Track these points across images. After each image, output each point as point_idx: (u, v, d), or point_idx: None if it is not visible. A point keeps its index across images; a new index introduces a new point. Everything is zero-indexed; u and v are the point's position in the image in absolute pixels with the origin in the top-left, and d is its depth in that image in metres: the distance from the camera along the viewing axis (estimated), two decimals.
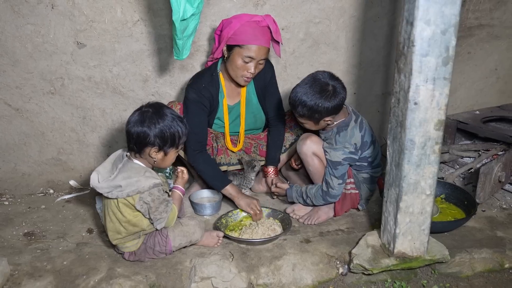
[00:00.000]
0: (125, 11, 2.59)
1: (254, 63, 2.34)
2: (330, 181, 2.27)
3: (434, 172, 1.85)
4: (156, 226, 1.96)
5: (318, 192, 2.31)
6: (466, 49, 3.34)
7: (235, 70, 2.38)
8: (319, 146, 2.31)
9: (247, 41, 2.29)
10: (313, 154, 2.31)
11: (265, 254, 2.08)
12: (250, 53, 2.30)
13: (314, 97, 2.14)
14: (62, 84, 2.71)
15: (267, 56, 2.38)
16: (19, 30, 2.55)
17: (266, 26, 2.33)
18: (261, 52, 2.32)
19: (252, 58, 2.32)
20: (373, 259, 1.99)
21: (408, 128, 1.77)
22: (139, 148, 1.93)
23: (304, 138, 2.34)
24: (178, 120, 1.95)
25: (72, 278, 1.93)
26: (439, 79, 1.71)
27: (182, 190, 2.11)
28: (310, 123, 2.25)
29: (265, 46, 2.32)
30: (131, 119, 1.92)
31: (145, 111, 1.91)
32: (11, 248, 2.15)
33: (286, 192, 2.44)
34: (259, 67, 2.40)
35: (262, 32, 2.31)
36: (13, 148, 2.82)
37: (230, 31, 2.31)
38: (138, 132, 1.89)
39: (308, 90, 2.15)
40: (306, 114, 2.19)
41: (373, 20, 2.97)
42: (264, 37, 2.31)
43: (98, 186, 1.91)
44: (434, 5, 1.61)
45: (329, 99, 2.14)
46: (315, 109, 2.15)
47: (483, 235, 2.25)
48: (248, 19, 2.32)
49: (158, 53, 2.71)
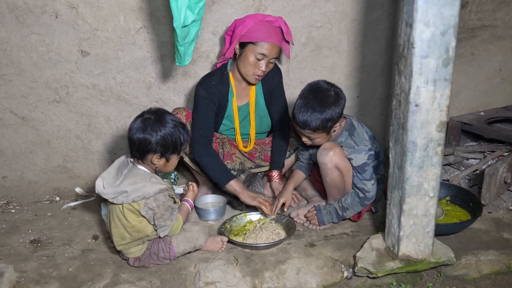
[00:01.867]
0: (128, 19, 2.61)
1: (265, 61, 2.39)
2: (363, 187, 2.21)
3: (437, 174, 1.85)
4: (159, 233, 1.97)
5: (354, 201, 2.24)
6: (470, 50, 3.33)
7: (247, 67, 2.41)
8: (342, 159, 2.19)
9: (261, 38, 2.34)
10: (334, 167, 2.20)
11: (269, 258, 2.08)
12: (263, 50, 2.35)
13: (323, 106, 2.09)
14: (67, 92, 2.74)
15: (278, 55, 2.42)
16: (24, 40, 2.58)
17: (278, 26, 2.40)
18: (274, 50, 2.37)
19: (265, 55, 2.37)
20: (378, 262, 1.98)
21: (409, 130, 1.77)
22: (141, 155, 1.94)
23: (327, 148, 2.20)
24: (180, 127, 1.96)
25: (78, 284, 1.94)
26: (440, 81, 1.70)
27: (191, 204, 2.13)
28: (323, 135, 2.18)
29: (277, 45, 2.38)
30: (133, 126, 1.93)
31: (147, 118, 1.92)
32: (17, 255, 2.17)
33: (317, 217, 2.32)
34: (270, 66, 2.44)
35: (275, 31, 2.38)
36: (19, 156, 2.85)
37: (243, 29, 2.36)
38: (140, 139, 1.90)
39: (315, 102, 2.10)
40: (321, 127, 2.12)
41: (375, 23, 2.97)
42: (277, 36, 2.37)
43: (103, 192, 1.92)
44: (433, 7, 1.61)
45: (337, 103, 2.12)
46: (329, 118, 2.10)
47: (489, 237, 2.23)
48: (261, 18, 2.38)
49: (161, 60, 2.74)
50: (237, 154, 2.71)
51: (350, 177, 2.24)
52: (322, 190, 2.45)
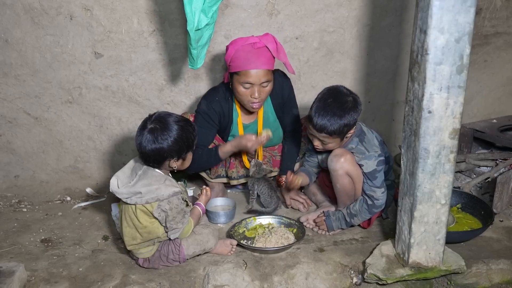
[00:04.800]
0: (141, 22, 2.63)
1: (256, 88, 2.27)
2: (373, 194, 2.19)
3: (449, 181, 1.83)
4: (169, 236, 1.98)
5: (363, 207, 2.23)
6: (483, 57, 3.30)
7: (239, 97, 2.35)
8: (353, 166, 2.18)
9: (241, 66, 2.22)
10: (345, 173, 2.19)
11: (278, 262, 2.08)
12: (247, 78, 2.24)
13: (342, 111, 2.08)
14: (80, 93, 2.77)
15: (269, 78, 2.29)
16: (39, 41, 2.62)
17: (263, 46, 2.25)
18: (259, 75, 2.24)
19: (251, 83, 2.25)
20: (388, 269, 1.97)
21: (422, 136, 1.76)
22: (159, 163, 1.97)
23: (339, 155, 2.18)
24: (185, 125, 1.98)
25: (87, 284, 1.95)
26: (454, 88, 1.70)
27: (203, 208, 2.14)
28: (337, 140, 2.17)
29: (262, 69, 2.24)
30: (142, 140, 1.93)
31: (153, 129, 1.92)
32: (28, 254, 2.19)
33: (326, 223, 2.32)
34: (265, 90, 2.31)
35: (258, 54, 2.23)
36: (32, 156, 2.88)
37: (228, 59, 2.29)
38: (154, 151, 1.92)
39: (334, 106, 2.08)
40: (338, 131, 2.10)
41: (388, 29, 2.97)
42: (259, 59, 2.23)
43: (117, 192, 1.93)
44: (447, 14, 1.61)
45: (354, 109, 2.10)
46: (347, 123, 2.09)
47: (501, 246, 2.21)
48: (242, 43, 2.25)
49: (173, 63, 2.75)
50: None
51: (361, 184, 2.23)
52: (332, 195, 2.44)
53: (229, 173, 2.61)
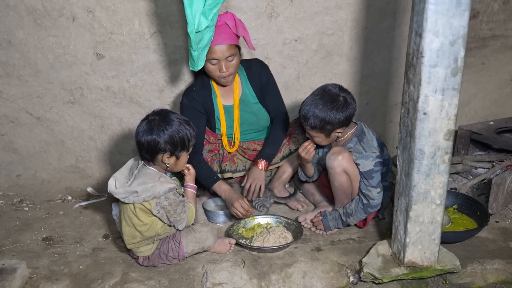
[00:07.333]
0: (142, 24, 2.67)
1: (223, 63, 2.41)
2: (368, 193, 2.22)
3: (444, 182, 1.86)
4: (178, 228, 2.03)
5: (358, 207, 2.26)
6: (480, 59, 3.33)
7: (211, 74, 2.49)
8: (351, 164, 2.23)
9: None
10: (343, 171, 2.23)
11: (276, 261, 2.11)
12: (212, 55, 2.38)
13: (326, 108, 2.14)
14: (82, 94, 2.80)
15: (233, 52, 2.41)
16: (41, 42, 2.65)
17: (223, 24, 2.38)
18: (223, 50, 2.38)
19: (216, 59, 2.40)
20: (384, 268, 2.00)
21: (417, 138, 1.79)
22: (151, 156, 1.99)
23: (336, 153, 2.23)
24: (185, 124, 2.01)
25: (88, 282, 1.99)
26: (448, 90, 1.73)
27: (194, 187, 2.17)
28: (322, 135, 2.23)
29: (223, 44, 2.37)
30: (139, 130, 1.97)
31: (152, 120, 1.97)
32: (30, 252, 2.22)
33: (322, 223, 2.35)
34: (231, 64, 2.44)
35: (219, 31, 2.35)
36: (33, 155, 2.91)
37: None
38: (148, 141, 1.94)
39: (319, 102, 2.16)
40: (318, 126, 2.17)
41: (386, 31, 3.00)
42: (220, 36, 2.36)
43: (115, 192, 1.96)
44: (442, 17, 1.64)
45: (341, 110, 2.15)
46: (328, 120, 2.15)
47: (496, 246, 2.24)
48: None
49: (173, 64, 2.78)
50: (238, 156, 2.73)
51: (358, 182, 2.26)
52: (330, 195, 2.48)
53: (223, 166, 2.65)
